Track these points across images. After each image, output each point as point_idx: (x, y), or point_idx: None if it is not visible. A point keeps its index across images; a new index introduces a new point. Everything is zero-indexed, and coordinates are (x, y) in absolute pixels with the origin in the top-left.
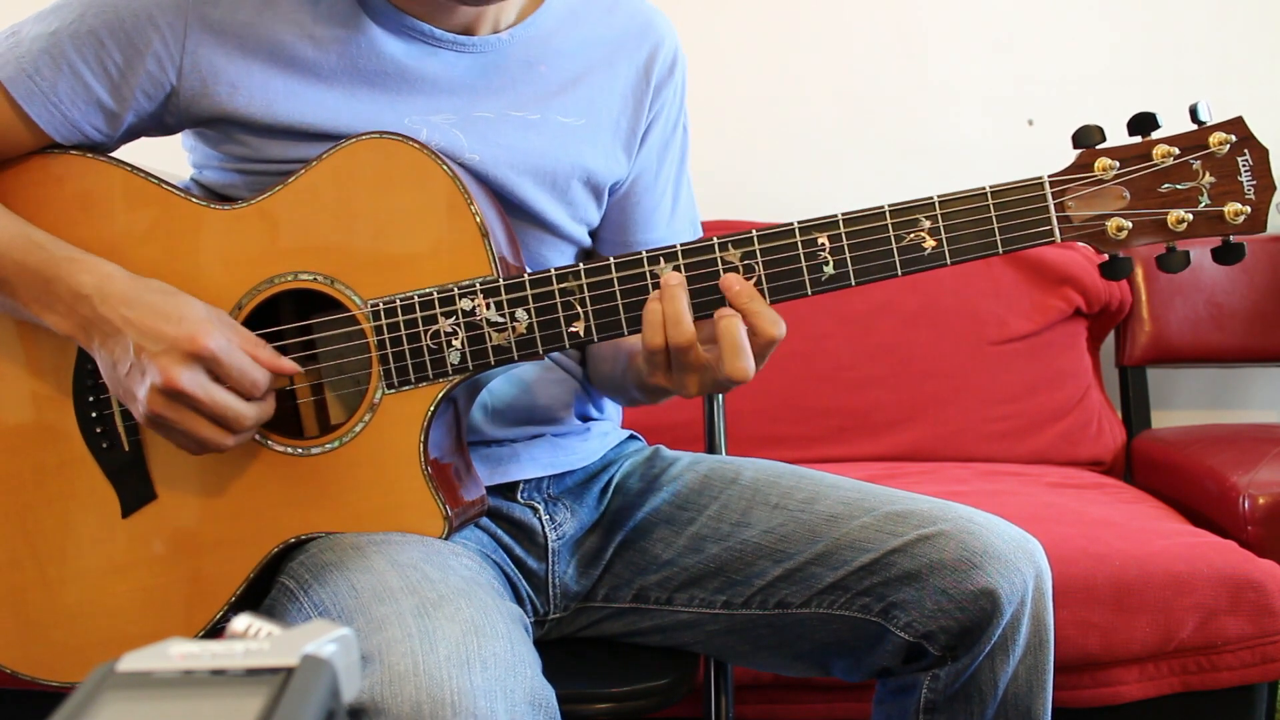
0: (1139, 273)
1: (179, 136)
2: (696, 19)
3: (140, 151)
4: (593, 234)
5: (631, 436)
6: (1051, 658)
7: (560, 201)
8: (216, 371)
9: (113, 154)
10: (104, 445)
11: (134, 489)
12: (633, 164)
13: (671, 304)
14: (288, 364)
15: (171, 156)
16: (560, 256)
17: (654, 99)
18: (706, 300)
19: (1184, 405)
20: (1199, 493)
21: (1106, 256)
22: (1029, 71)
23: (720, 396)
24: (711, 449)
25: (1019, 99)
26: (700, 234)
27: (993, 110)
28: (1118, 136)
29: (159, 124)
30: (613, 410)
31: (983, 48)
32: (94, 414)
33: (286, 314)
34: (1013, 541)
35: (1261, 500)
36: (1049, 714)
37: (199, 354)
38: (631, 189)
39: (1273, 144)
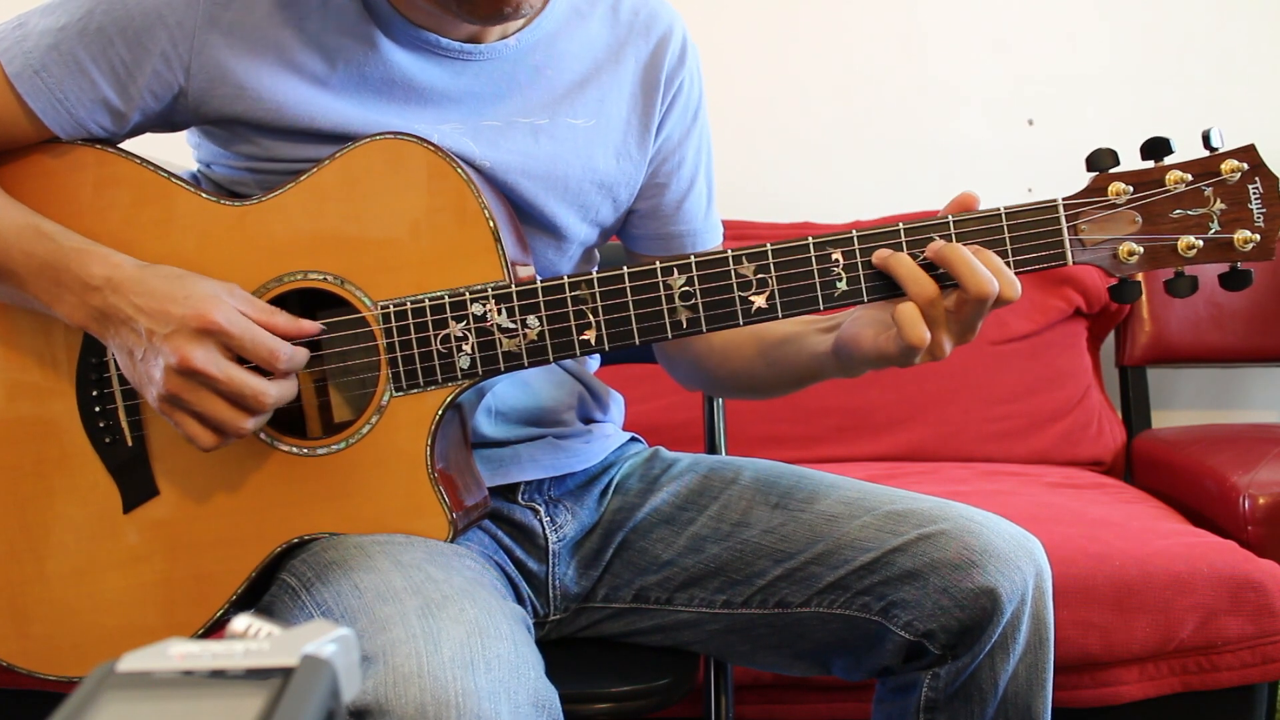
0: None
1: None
2: (696, 18)
3: (146, 144)
4: (634, 233)
5: (633, 439)
6: (1052, 656)
7: (572, 205)
8: (230, 345)
9: (121, 145)
10: (106, 440)
11: (136, 484)
12: (648, 158)
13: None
14: (308, 324)
15: (177, 148)
16: (566, 261)
17: (666, 89)
18: (720, 313)
19: (1184, 405)
20: (1199, 493)
21: (1116, 279)
22: (1029, 71)
23: (720, 397)
24: (712, 449)
25: (1019, 99)
26: (719, 242)
27: (993, 110)
28: (1117, 138)
29: (166, 123)
30: (615, 412)
31: (983, 48)
32: (97, 408)
33: (294, 312)
34: (1013, 540)
35: (1261, 500)
36: (1049, 712)
37: (208, 329)
38: (654, 178)
39: (1272, 143)
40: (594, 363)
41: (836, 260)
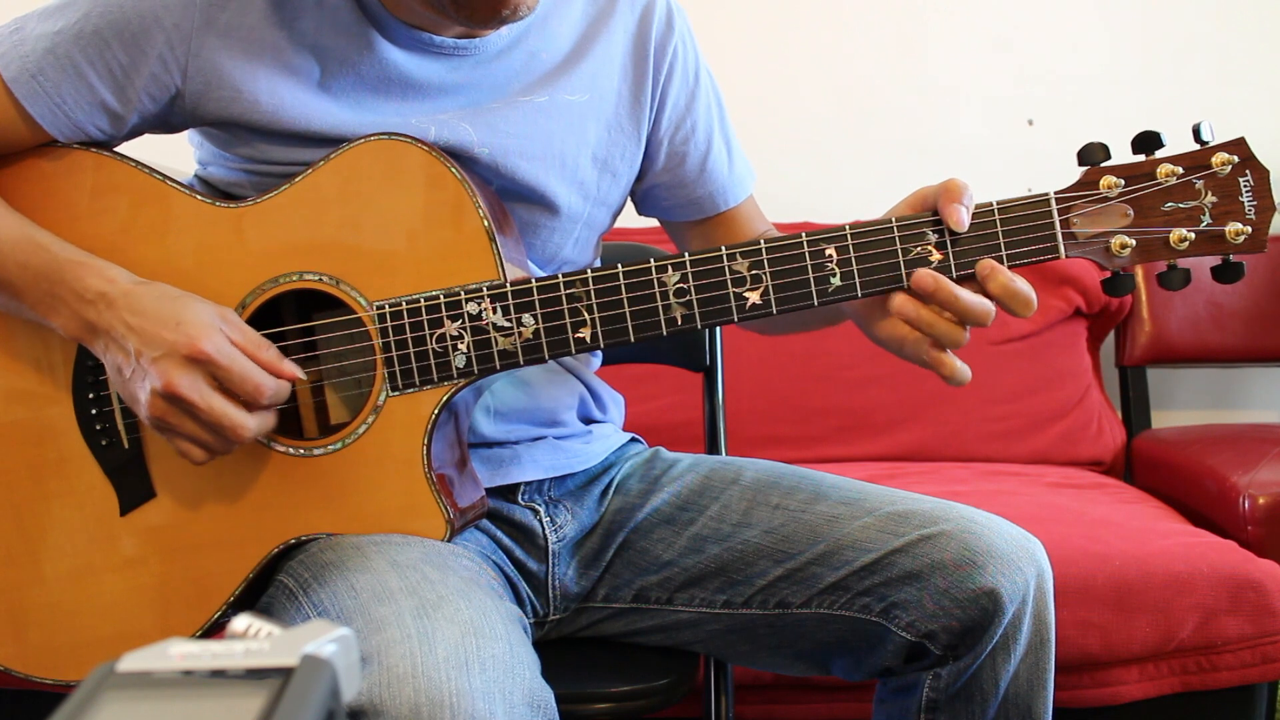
0: (1139, 272)
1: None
2: (694, 18)
3: (146, 146)
4: (663, 205)
5: (633, 439)
6: (1053, 657)
7: (571, 182)
8: (217, 375)
9: (118, 149)
10: (103, 442)
11: (133, 487)
12: (643, 132)
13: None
14: (289, 368)
15: (176, 151)
16: (574, 245)
17: (658, 58)
18: (714, 310)
19: (1184, 405)
20: (1199, 493)
21: (1110, 272)
22: (1029, 71)
23: (720, 396)
24: (712, 449)
25: (1019, 99)
26: (751, 188)
27: (993, 110)
28: (1117, 138)
29: (164, 124)
30: (615, 413)
31: (983, 48)
32: (94, 410)
33: (290, 314)
34: (1014, 541)
35: (1261, 500)
36: (1049, 713)
37: (196, 357)
38: (670, 147)
39: (1271, 144)
40: (595, 362)
41: (830, 256)
